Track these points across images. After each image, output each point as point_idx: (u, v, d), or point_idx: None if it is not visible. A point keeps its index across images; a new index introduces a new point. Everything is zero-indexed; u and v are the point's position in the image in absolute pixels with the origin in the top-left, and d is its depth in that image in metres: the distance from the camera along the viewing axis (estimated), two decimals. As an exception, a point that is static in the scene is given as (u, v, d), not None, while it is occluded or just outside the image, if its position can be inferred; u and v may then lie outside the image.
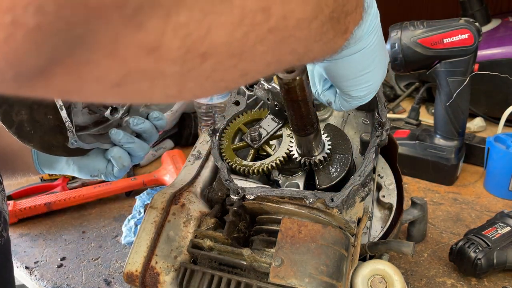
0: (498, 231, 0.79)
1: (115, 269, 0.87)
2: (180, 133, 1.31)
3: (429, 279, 0.79)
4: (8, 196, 1.09)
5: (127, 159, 0.69)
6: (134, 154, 0.69)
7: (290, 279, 0.50)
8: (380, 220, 0.74)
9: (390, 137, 0.75)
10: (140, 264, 0.58)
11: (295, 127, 0.55)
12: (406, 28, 0.96)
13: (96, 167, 0.70)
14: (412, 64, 0.98)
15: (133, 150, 0.68)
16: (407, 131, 1.13)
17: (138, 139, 0.69)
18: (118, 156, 0.68)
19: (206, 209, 0.64)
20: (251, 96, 0.73)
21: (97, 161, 0.70)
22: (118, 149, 0.68)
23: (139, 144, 0.68)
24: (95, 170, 0.70)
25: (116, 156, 0.68)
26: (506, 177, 0.97)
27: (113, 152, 0.67)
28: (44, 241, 0.96)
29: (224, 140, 0.67)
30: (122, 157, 0.68)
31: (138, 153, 0.69)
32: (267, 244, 0.56)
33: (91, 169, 0.70)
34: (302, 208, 0.57)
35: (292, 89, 0.46)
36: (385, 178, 0.77)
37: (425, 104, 1.38)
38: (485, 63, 1.16)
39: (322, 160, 0.61)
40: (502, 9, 1.47)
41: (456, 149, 1.03)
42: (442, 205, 0.99)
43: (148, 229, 0.60)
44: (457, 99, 0.98)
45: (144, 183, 1.09)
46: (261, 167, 0.63)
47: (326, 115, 0.79)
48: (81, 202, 1.05)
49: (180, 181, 0.68)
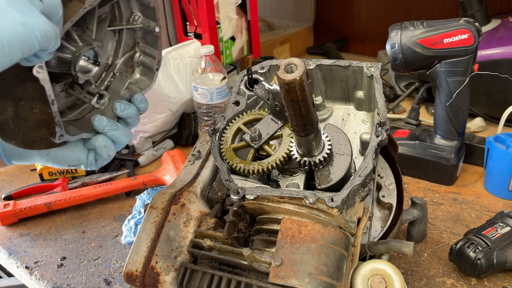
0: (498, 231, 0.79)
1: (115, 269, 0.87)
2: (180, 133, 1.31)
3: (429, 279, 0.79)
4: (8, 196, 1.09)
5: (113, 148, 0.64)
6: (117, 141, 0.64)
7: (290, 279, 0.50)
8: (380, 220, 0.74)
9: (390, 137, 0.75)
10: (140, 264, 0.58)
11: (295, 127, 0.55)
12: (406, 28, 0.96)
13: (76, 157, 0.63)
14: (412, 64, 0.98)
15: (117, 137, 0.64)
16: (407, 131, 1.13)
17: (121, 125, 0.64)
18: (103, 145, 0.62)
19: (206, 209, 0.64)
20: (251, 96, 0.73)
21: (76, 151, 0.63)
22: (103, 137, 0.62)
23: (123, 130, 0.64)
24: (74, 161, 0.63)
25: (102, 145, 0.62)
26: (506, 177, 0.97)
27: (98, 141, 0.62)
28: (44, 241, 0.96)
29: (224, 140, 0.67)
30: (107, 146, 0.63)
31: (122, 139, 0.65)
32: (267, 244, 0.57)
33: (70, 160, 0.63)
34: (302, 208, 0.57)
35: (292, 89, 0.47)
36: (385, 178, 0.77)
37: (425, 104, 1.38)
38: (485, 63, 1.16)
39: (322, 160, 0.61)
40: (502, 9, 1.47)
41: (456, 149, 1.03)
42: (442, 205, 0.99)
43: (148, 229, 0.60)
44: (457, 99, 0.98)
45: (144, 183, 1.09)
46: (261, 167, 0.63)
47: (326, 115, 0.80)
48: (81, 202, 1.05)
49: (180, 181, 0.68)
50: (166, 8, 1.39)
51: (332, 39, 1.94)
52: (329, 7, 1.93)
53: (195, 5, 1.34)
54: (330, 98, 0.80)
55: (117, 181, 1.09)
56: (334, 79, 0.77)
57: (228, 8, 1.38)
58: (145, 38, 0.66)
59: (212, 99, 1.20)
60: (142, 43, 0.66)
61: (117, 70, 0.66)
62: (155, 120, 1.25)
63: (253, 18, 1.48)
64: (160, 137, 1.31)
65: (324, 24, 1.97)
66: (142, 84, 0.67)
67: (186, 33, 1.45)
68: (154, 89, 1.20)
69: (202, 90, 1.20)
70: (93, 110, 0.63)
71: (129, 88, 0.67)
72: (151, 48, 0.66)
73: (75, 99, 0.63)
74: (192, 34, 1.42)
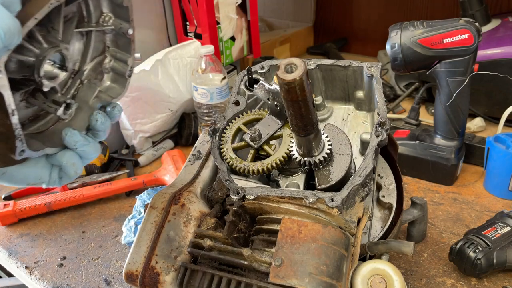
0: (498, 231, 0.79)
1: (115, 269, 0.87)
2: (180, 133, 1.31)
3: (429, 279, 0.79)
4: (8, 196, 1.09)
5: (81, 164, 0.56)
6: (86, 157, 0.57)
7: (290, 279, 0.50)
8: (380, 220, 0.74)
9: (390, 137, 0.75)
10: (140, 264, 0.58)
11: (295, 127, 0.55)
12: (406, 28, 0.96)
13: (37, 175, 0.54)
14: (412, 64, 0.98)
15: (87, 153, 0.56)
16: (407, 131, 1.13)
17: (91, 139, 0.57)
18: (72, 163, 0.54)
19: (206, 209, 0.64)
20: (251, 96, 0.73)
21: (38, 168, 0.54)
22: (71, 153, 0.55)
23: (93, 145, 0.57)
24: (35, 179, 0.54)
25: (70, 163, 0.54)
26: (506, 177, 0.97)
27: (65, 157, 0.54)
28: (44, 241, 0.96)
29: (224, 140, 0.67)
30: (76, 163, 0.55)
31: (91, 155, 0.57)
32: (267, 244, 0.57)
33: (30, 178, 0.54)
34: (302, 208, 0.57)
35: (292, 89, 0.47)
36: (385, 178, 0.77)
37: (425, 104, 1.38)
38: (485, 63, 1.16)
39: (322, 160, 0.61)
40: (502, 9, 1.47)
41: (456, 149, 1.03)
42: (442, 205, 0.99)
43: (148, 229, 0.60)
44: (457, 99, 0.98)
45: (144, 183, 1.09)
46: (261, 167, 0.63)
47: (326, 115, 0.80)
48: (81, 202, 1.05)
49: (180, 181, 0.68)
50: (166, 8, 1.39)
51: (332, 39, 1.94)
52: (329, 7, 1.93)
53: (195, 5, 1.34)
54: (330, 98, 0.80)
55: (117, 181, 1.09)
56: (334, 79, 0.77)
57: (228, 8, 1.38)
58: (116, 42, 0.59)
59: (212, 99, 1.21)
60: (112, 47, 0.60)
61: (85, 77, 0.59)
62: (155, 120, 1.25)
63: (253, 18, 1.48)
64: (160, 137, 1.31)
65: (324, 24, 1.97)
66: (113, 92, 0.60)
67: (186, 33, 1.45)
68: (154, 89, 1.21)
69: (202, 90, 1.20)
70: (59, 121, 0.56)
71: (99, 97, 0.60)
72: (123, 52, 0.60)
73: (37, 109, 0.55)
74: (192, 34, 1.42)
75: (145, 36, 1.33)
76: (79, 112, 0.57)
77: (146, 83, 1.19)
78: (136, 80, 1.17)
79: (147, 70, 1.19)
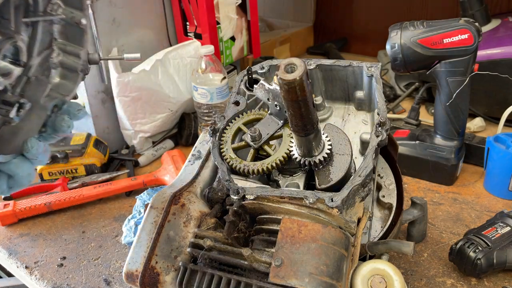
0: (498, 231, 0.79)
1: (115, 269, 0.87)
2: (180, 133, 1.31)
3: (429, 279, 0.79)
4: (8, 196, 1.09)
5: (34, 173, 0.53)
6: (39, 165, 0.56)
7: (290, 279, 0.50)
8: (380, 220, 0.74)
9: (390, 137, 0.75)
10: (140, 264, 0.58)
11: (295, 127, 0.55)
12: (406, 28, 0.96)
13: None
14: (412, 64, 0.98)
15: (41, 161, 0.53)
16: (407, 131, 1.13)
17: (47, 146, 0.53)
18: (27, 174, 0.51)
19: (206, 209, 0.64)
20: (251, 96, 0.73)
21: None
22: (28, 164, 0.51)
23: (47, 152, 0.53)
24: None
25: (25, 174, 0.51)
26: (506, 177, 0.97)
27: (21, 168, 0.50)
28: (44, 241, 0.96)
29: (224, 140, 0.67)
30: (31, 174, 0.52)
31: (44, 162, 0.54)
32: (267, 244, 0.57)
33: None
34: (302, 208, 0.57)
35: (292, 89, 0.47)
36: (385, 178, 0.77)
37: (425, 104, 1.38)
38: (485, 63, 1.16)
39: (322, 160, 0.61)
40: (502, 9, 1.47)
41: (456, 149, 1.03)
42: (442, 205, 0.99)
43: (148, 229, 0.60)
44: (457, 99, 0.98)
45: (144, 183, 1.09)
46: (261, 167, 0.63)
47: (326, 115, 0.80)
48: (81, 202, 1.05)
49: (180, 181, 0.68)
50: (166, 8, 1.39)
51: (332, 39, 1.94)
52: (329, 7, 1.93)
53: (195, 5, 1.34)
54: (330, 98, 0.80)
55: (117, 181, 1.09)
56: (334, 79, 0.77)
57: (228, 8, 1.38)
58: (65, 33, 0.53)
59: (212, 99, 1.20)
60: (60, 39, 0.53)
61: (32, 73, 0.52)
62: (155, 120, 1.25)
63: (253, 18, 1.48)
64: (160, 137, 1.31)
65: (324, 24, 1.97)
66: (63, 90, 0.55)
67: (186, 33, 1.45)
68: (154, 89, 1.21)
69: (202, 90, 1.20)
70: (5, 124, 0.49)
71: (50, 95, 0.54)
72: (73, 45, 0.54)
73: None
74: (192, 34, 1.42)
75: (145, 36, 1.33)
76: (29, 113, 0.51)
77: (146, 83, 1.19)
78: (136, 80, 1.17)
79: (147, 70, 1.19)
